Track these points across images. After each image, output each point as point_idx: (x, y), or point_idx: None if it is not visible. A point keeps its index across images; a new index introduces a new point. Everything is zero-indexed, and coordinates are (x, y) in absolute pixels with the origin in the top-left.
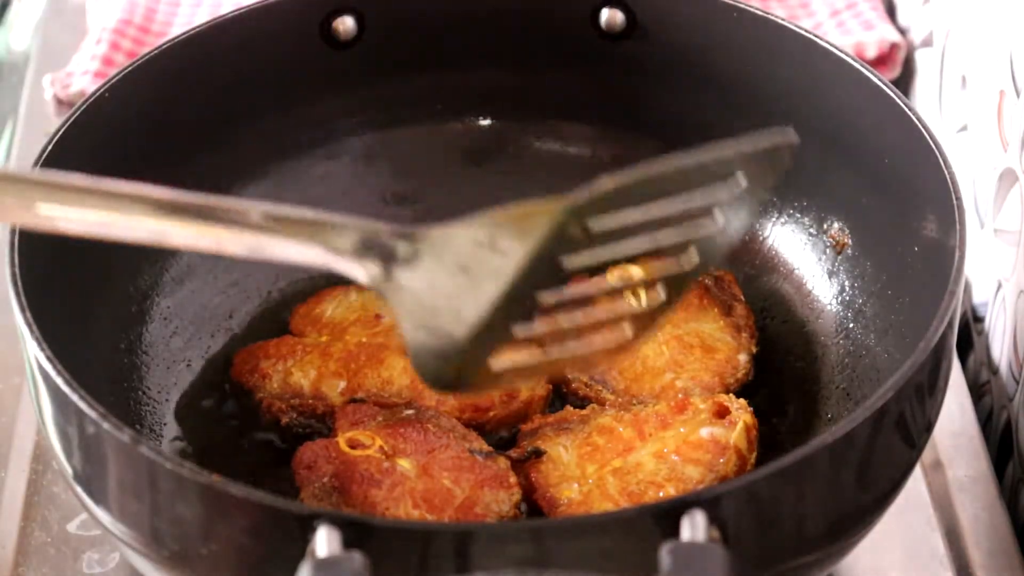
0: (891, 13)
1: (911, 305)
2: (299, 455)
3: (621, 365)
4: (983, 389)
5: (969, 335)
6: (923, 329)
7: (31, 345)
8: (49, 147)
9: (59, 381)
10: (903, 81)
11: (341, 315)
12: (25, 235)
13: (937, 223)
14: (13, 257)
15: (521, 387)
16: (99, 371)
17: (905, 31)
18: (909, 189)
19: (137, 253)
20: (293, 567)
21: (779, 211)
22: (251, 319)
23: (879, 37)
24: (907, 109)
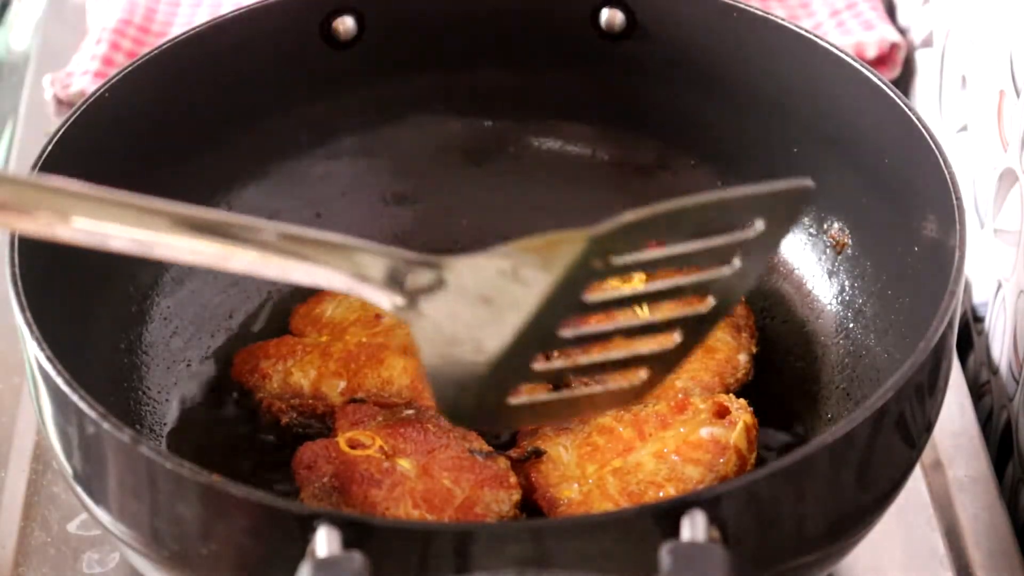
0: (891, 13)
1: (911, 305)
2: (299, 455)
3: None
4: (983, 389)
5: (969, 335)
6: (923, 329)
7: (31, 345)
8: (49, 147)
9: (59, 381)
10: (903, 81)
11: (341, 315)
12: (25, 235)
13: (937, 223)
14: (13, 257)
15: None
16: (99, 371)
17: (905, 31)
18: (909, 189)
19: None
20: (293, 567)
21: None
22: (251, 319)
23: (879, 37)
24: (907, 109)
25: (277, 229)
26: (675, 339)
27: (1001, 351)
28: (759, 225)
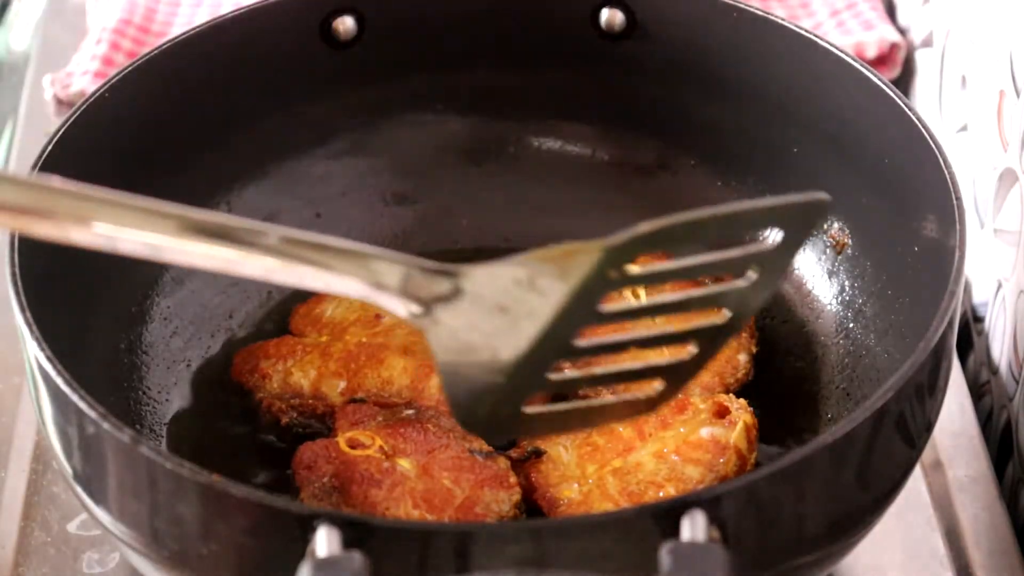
0: (891, 13)
1: (911, 305)
2: (299, 455)
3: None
4: (983, 389)
5: (969, 335)
6: (923, 329)
7: (31, 345)
8: (49, 147)
9: (59, 381)
10: (903, 81)
11: (341, 315)
12: (25, 235)
13: (937, 223)
14: (13, 257)
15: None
16: (99, 371)
17: (905, 31)
18: (909, 189)
19: None
20: (293, 567)
21: None
22: (251, 319)
23: (879, 37)
24: (907, 109)
25: (290, 235)
26: (690, 350)
27: (1001, 351)
28: (775, 237)
